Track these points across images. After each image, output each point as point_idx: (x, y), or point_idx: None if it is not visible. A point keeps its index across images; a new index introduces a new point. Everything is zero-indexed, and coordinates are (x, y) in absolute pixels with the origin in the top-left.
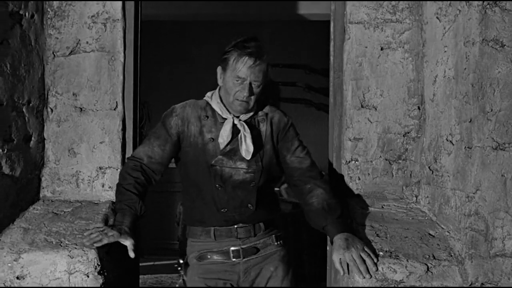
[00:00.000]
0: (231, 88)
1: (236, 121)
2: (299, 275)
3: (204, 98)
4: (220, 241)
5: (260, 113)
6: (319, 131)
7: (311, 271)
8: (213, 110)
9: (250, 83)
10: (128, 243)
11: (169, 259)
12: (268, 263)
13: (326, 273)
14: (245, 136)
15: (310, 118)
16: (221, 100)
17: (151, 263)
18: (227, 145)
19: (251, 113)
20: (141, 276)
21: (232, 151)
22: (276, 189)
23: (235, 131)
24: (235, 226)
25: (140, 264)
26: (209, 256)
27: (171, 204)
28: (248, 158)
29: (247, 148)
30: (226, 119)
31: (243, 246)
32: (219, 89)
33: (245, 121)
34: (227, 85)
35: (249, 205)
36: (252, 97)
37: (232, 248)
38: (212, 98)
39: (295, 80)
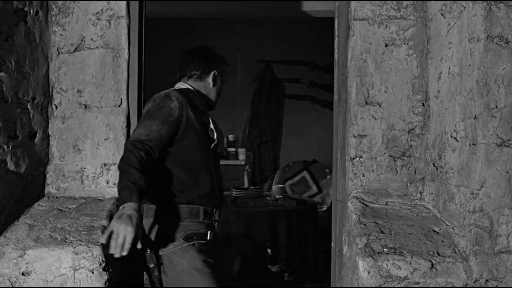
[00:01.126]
0: (221, 90)
1: None
2: (303, 272)
3: (180, 88)
4: (204, 222)
5: None
6: (323, 128)
7: (315, 269)
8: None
9: None
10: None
11: None
12: None
13: (330, 271)
14: (216, 128)
15: (314, 114)
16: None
17: None
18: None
19: None
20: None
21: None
22: (280, 185)
23: None
24: (215, 209)
25: None
26: (195, 237)
27: None
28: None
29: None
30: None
31: (215, 230)
32: (196, 86)
33: None
34: (220, 88)
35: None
36: None
37: (210, 231)
38: (188, 94)
39: (299, 77)
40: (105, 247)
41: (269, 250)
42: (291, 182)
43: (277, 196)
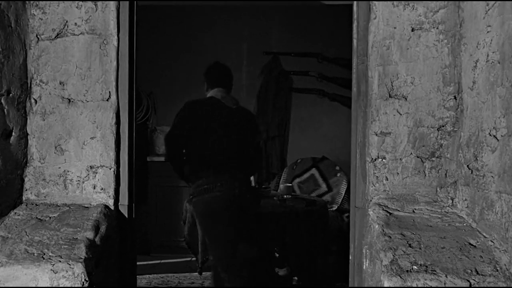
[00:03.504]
0: None
1: None
2: (312, 274)
3: None
4: None
5: None
6: (333, 123)
7: (324, 270)
8: None
9: None
10: None
11: (176, 257)
12: None
13: (340, 273)
14: None
15: (323, 109)
16: None
17: (157, 261)
18: None
19: None
20: (146, 276)
21: None
22: (288, 184)
23: None
24: None
25: (146, 263)
26: None
27: (179, 199)
28: None
29: None
30: None
31: None
32: None
33: None
34: None
35: None
36: None
37: None
38: None
39: (307, 69)
40: None
41: (276, 254)
42: (299, 180)
43: (285, 196)
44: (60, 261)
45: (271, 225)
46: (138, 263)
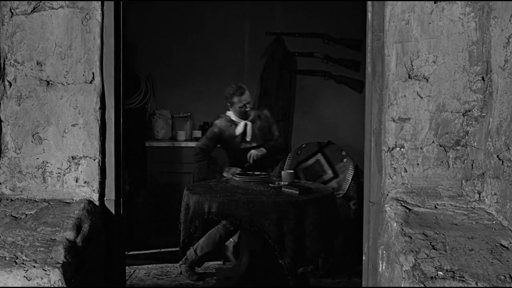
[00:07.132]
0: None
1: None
2: (318, 266)
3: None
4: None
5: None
6: (339, 106)
7: (325, 265)
8: (232, 120)
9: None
10: None
11: (176, 245)
12: None
13: (341, 267)
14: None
15: (329, 91)
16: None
17: (156, 250)
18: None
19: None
20: (145, 266)
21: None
22: (290, 171)
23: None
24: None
25: (144, 252)
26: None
27: (179, 186)
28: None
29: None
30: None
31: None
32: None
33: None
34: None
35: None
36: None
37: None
38: (231, 115)
39: (312, 51)
40: None
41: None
42: (304, 166)
43: (281, 183)
44: (34, 266)
45: (273, 214)
46: (136, 252)
